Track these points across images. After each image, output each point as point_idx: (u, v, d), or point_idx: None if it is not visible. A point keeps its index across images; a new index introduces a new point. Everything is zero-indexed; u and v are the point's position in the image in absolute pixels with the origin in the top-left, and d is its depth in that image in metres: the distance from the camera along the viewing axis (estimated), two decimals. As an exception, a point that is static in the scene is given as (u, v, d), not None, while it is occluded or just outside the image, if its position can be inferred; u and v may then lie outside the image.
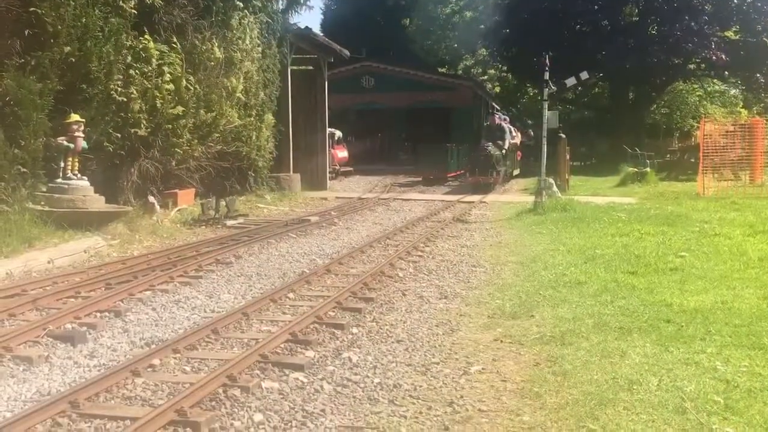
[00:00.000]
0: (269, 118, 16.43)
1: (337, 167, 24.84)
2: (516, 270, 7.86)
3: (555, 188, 14.39)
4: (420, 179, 22.42)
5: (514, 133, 24.10)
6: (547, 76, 13.05)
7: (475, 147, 20.44)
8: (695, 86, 37.65)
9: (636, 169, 21.24)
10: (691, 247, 8.89)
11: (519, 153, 26.05)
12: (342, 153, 26.13)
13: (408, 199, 17.11)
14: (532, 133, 31.81)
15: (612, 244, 9.28)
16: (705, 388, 4.05)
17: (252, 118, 15.38)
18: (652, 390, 4.05)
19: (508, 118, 25.60)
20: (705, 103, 38.78)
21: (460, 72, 44.00)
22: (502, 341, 5.16)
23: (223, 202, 12.44)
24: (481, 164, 19.31)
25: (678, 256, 8.18)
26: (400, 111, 33.32)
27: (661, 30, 29.46)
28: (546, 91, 13.28)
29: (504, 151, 20.62)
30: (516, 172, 25.14)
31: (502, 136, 20.80)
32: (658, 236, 9.79)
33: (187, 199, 13.24)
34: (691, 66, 31.87)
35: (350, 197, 18.01)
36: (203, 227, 11.52)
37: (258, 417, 3.75)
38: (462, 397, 4.05)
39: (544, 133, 13.44)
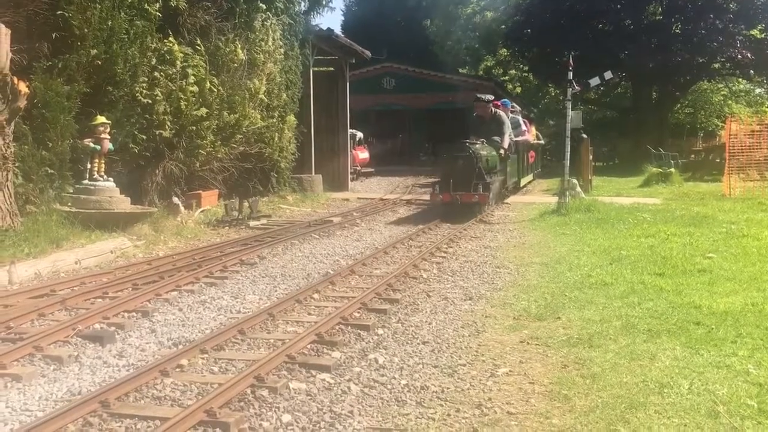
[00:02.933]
0: (291, 119, 16.49)
1: (358, 168, 24.88)
2: (540, 271, 7.80)
3: (578, 189, 14.29)
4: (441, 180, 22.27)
5: (524, 127, 18.42)
6: (570, 75, 12.96)
7: (451, 146, 13.33)
8: (720, 85, 37.21)
9: (660, 170, 21.03)
10: (718, 248, 8.78)
11: (533, 154, 20.71)
12: (363, 154, 26.17)
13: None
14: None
15: (637, 245, 9.19)
16: (737, 392, 3.99)
17: (274, 120, 15.44)
18: (683, 393, 4.00)
19: (517, 107, 20.19)
20: (730, 102, 38.31)
21: (481, 73, 43.88)
22: (528, 343, 5.13)
23: (246, 203, 12.50)
24: (459, 173, 12.44)
25: (706, 258, 8.09)
26: (421, 112, 33.31)
27: (685, 29, 29.14)
28: (569, 91, 13.19)
29: (503, 152, 14.29)
30: (527, 179, 19.72)
31: (499, 130, 14.48)
32: (685, 237, 9.68)
33: (210, 200, 13.33)
34: (716, 65, 31.49)
35: (372, 198, 18.02)
36: (227, 228, 11.59)
37: (286, 418, 3.75)
38: (490, 399, 4.03)
39: (568, 133, 13.35)
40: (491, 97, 15.12)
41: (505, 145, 14.44)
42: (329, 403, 3.98)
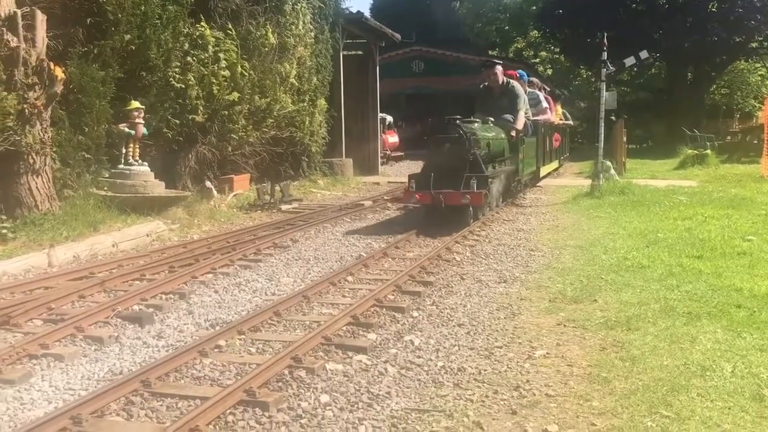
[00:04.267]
0: (322, 103, 16.49)
1: (388, 152, 24.82)
2: (575, 254, 7.72)
3: (612, 171, 14.10)
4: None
5: (545, 104, 14.80)
6: (605, 55, 12.74)
7: (435, 126, 10.81)
8: (757, 65, 36.37)
9: (695, 152, 20.67)
10: (758, 230, 8.61)
11: (558, 137, 17.15)
12: (393, 138, 26.10)
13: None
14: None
15: (674, 227, 9.05)
16: (782, 376, 3.91)
17: (305, 104, 15.46)
18: (726, 376, 3.93)
19: (537, 81, 16.87)
20: (768, 82, 37.45)
21: (511, 55, 43.40)
22: (565, 326, 5.08)
23: (277, 187, 12.58)
24: (446, 163, 9.31)
25: (745, 240, 7.93)
26: (450, 95, 33.04)
27: (722, 7, 28.49)
28: (604, 71, 12.96)
29: (513, 136, 11.27)
30: (551, 167, 16.36)
31: (511, 106, 11.58)
32: (723, 219, 9.51)
33: (242, 184, 13.41)
34: (754, 44, 30.81)
35: (402, 182, 17.90)
36: (259, 212, 11.67)
37: (324, 398, 3.77)
38: (528, 381, 4.00)
39: (602, 114, 13.14)
40: (500, 62, 12.27)
41: (519, 125, 11.40)
42: (366, 384, 3.99)
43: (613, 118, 17.08)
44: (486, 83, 12.11)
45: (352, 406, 3.69)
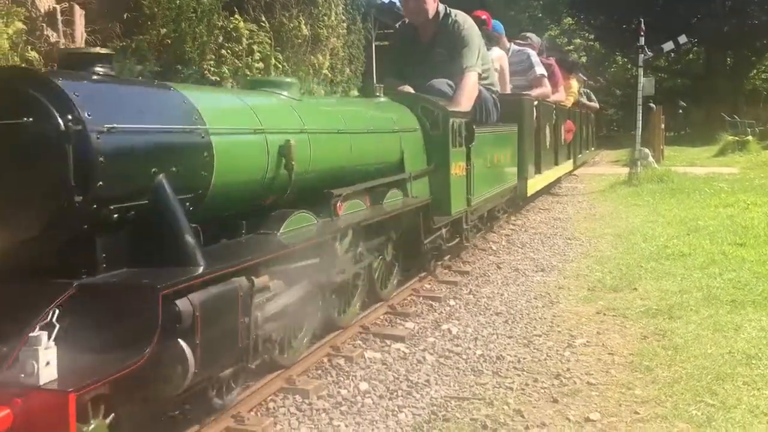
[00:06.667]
0: (355, 94, 16.49)
1: (421, 142, 24.73)
2: (613, 242, 7.62)
3: (651, 158, 13.87)
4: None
5: (540, 71, 10.10)
6: (642, 41, 12.51)
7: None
8: (800, 49, 35.35)
9: (736, 138, 20.25)
10: (803, 217, 8.41)
11: (570, 124, 11.91)
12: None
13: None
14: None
15: (715, 215, 8.88)
16: (832, 364, 3.82)
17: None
18: (773, 365, 3.85)
19: (535, 38, 11.74)
20: (811, 66, 36.44)
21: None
22: (605, 314, 5.02)
23: (312, 178, 12.59)
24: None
25: (790, 227, 7.75)
26: (484, 84, 32.77)
27: (763, -11, 27.78)
28: (641, 57, 12.74)
29: (441, 124, 5.43)
30: (555, 175, 11.19)
31: (454, 61, 6.40)
32: (766, 207, 9.30)
33: (277, 176, 13.50)
34: (796, 27, 29.93)
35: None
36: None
37: (364, 386, 3.78)
38: (568, 369, 3.96)
39: (639, 101, 12.93)
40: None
41: (462, 101, 6.17)
42: (405, 372, 3.99)
43: (651, 104, 16.64)
44: (406, 20, 7.12)
45: (391, 394, 3.69)
